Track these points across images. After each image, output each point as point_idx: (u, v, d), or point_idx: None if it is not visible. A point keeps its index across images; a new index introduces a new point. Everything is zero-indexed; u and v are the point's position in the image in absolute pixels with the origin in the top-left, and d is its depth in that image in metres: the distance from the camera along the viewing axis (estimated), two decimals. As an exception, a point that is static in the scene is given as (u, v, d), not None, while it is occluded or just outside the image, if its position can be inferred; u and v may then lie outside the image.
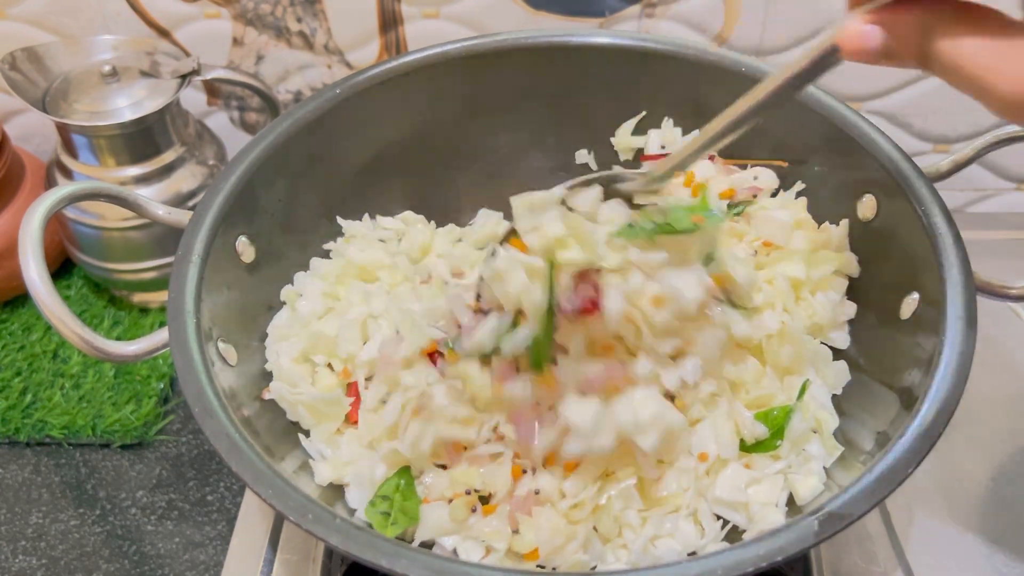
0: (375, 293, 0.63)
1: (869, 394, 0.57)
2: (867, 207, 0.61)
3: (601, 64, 0.69)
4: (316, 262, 0.67)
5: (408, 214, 0.71)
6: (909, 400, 0.50)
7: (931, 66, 0.38)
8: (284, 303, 0.64)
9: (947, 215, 0.55)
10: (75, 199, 0.54)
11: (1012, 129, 0.61)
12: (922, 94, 0.84)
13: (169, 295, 0.53)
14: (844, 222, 0.63)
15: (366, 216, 0.71)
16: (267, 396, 0.58)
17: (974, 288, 0.52)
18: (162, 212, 0.59)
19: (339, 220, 0.69)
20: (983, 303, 0.52)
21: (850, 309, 0.62)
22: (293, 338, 0.61)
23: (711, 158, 0.68)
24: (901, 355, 0.55)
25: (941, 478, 0.67)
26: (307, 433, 0.58)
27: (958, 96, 0.89)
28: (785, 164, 0.65)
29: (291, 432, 0.58)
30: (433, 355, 0.57)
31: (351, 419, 0.59)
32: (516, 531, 0.51)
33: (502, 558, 0.51)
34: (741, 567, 0.42)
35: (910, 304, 0.56)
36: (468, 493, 0.52)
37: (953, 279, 0.52)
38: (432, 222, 0.72)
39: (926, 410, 0.47)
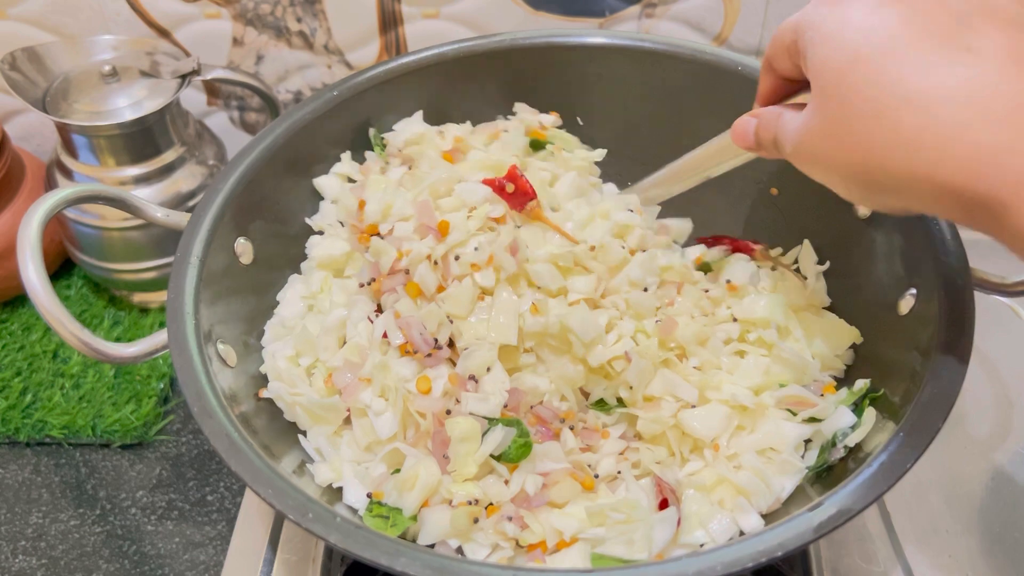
0: (358, 301, 0.61)
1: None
2: None
3: (598, 64, 0.69)
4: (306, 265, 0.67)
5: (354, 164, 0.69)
6: (908, 394, 0.50)
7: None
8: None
9: None
10: (73, 202, 0.54)
11: None
12: (922, 94, 0.84)
13: (168, 297, 0.53)
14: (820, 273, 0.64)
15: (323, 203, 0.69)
16: (264, 395, 0.58)
17: (971, 282, 0.52)
18: (160, 214, 0.59)
19: (306, 220, 0.67)
20: (984, 305, 0.52)
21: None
22: (288, 338, 0.61)
23: (751, 251, 0.67)
24: (899, 350, 0.55)
25: (941, 478, 0.67)
26: (305, 433, 0.58)
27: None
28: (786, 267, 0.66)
29: (289, 431, 0.58)
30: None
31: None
32: (525, 527, 0.51)
33: (511, 557, 0.51)
34: (741, 563, 0.42)
35: (908, 300, 0.56)
36: (471, 503, 0.51)
37: (951, 275, 0.52)
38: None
39: (925, 404, 0.47)
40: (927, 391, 0.48)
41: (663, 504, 0.51)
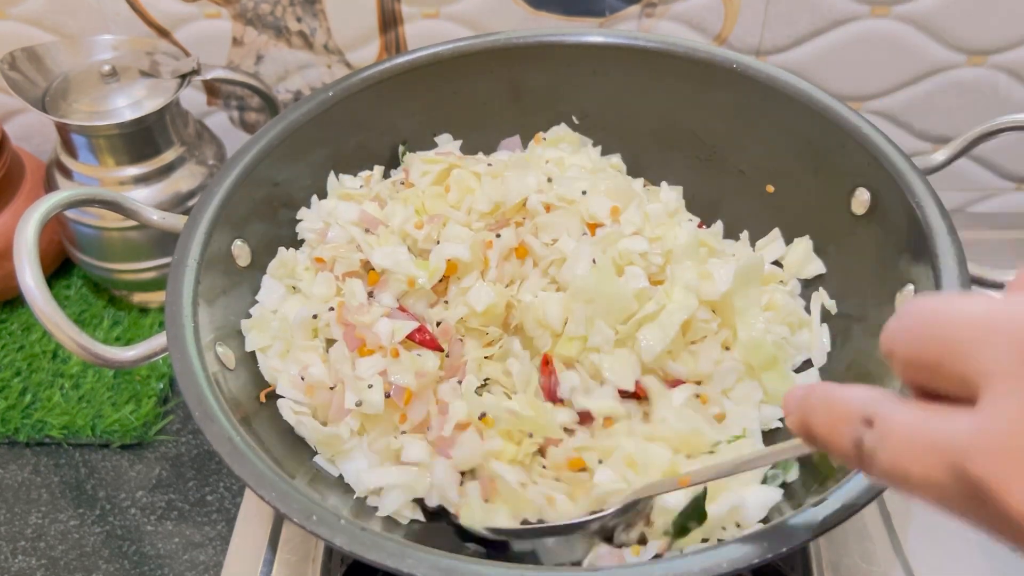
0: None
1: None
2: (860, 201, 0.61)
3: (593, 62, 0.69)
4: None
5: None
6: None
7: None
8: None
9: (941, 207, 0.55)
10: (68, 206, 0.54)
11: (1004, 119, 0.60)
12: (922, 94, 0.84)
13: (167, 300, 0.54)
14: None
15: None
16: (267, 398, 0.58)
17: (969, 279, 0.52)
18: (156, 217, 0.59)
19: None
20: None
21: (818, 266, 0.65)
22: (259, 329, 0.60)
23: None
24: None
25: (941, 478, 0.67)
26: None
27: (958, 96, 0.89)
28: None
29: (290, 432, 0.58)
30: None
31: None
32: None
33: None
34: (747, 559, 0.42)
35: (905, 296, 0.56)
36: None
37: (948, 271, 0.52)
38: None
39: None
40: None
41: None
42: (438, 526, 0.55)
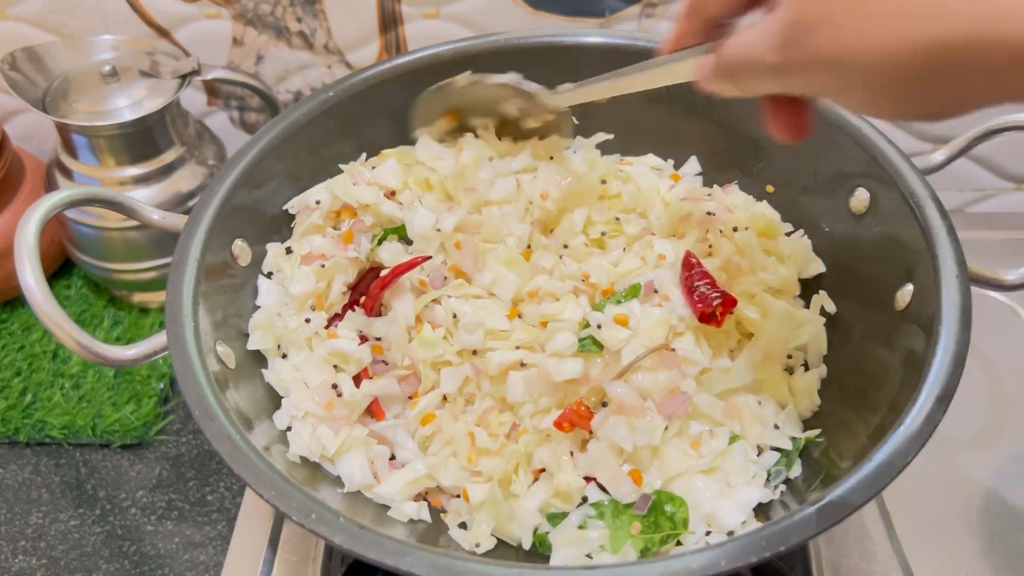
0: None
1: (866, 385, 0.57)
2: (859, 201, 0.61)
3: (594, 63, 0.69)
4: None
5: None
6: (907, 389, 0.50)
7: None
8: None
9: (940, 207, 0.55)
10: (69, 205, 0.54)
11: (1004, 119, 0.60)
12: (922, 94, 0.84)
13: (167, 300, 0.54)
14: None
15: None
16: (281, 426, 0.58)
17: (968, 278, 0.52)
18: (157, 217, 0.59)
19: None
20: (984, 304, 0.52)
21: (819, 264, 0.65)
22: (264, 331, 0.60)
23: None
24: (897, 346, 0.55)
25: (941, 478, 0.67)
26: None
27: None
28: None
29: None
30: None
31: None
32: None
33: None
34: (745, 557, 0.42)
35: (904, 296, 0.56)
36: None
37: (947, 270, 0.52)
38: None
39: (924, 398, 0.47)
40: (927, 384, 0.48)
41: None
42: (442, 526, 0.55)
